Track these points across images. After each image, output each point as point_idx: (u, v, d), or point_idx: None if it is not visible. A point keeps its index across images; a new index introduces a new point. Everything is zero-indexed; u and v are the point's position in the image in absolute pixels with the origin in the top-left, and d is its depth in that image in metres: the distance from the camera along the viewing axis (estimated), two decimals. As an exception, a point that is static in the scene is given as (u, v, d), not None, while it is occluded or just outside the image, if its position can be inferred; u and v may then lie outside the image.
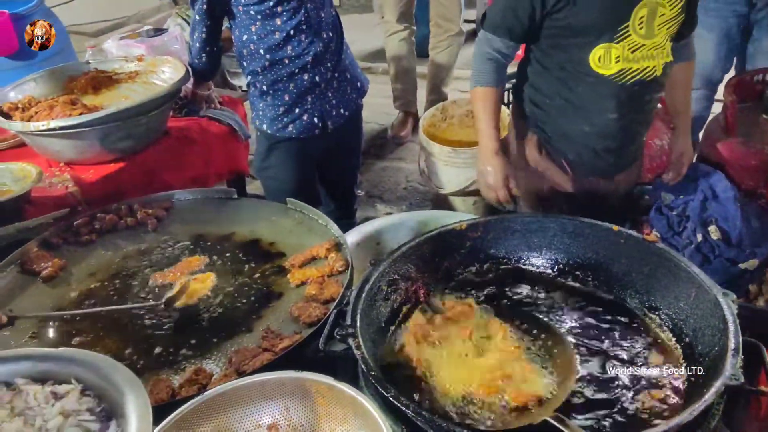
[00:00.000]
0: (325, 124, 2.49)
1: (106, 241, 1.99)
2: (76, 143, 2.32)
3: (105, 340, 1.59)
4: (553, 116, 1.98)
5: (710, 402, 1.08)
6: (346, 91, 2.52)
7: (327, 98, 2.46)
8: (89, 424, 1.13)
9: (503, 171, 1.96)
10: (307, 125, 2.47)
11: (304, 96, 2.42)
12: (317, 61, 2.36)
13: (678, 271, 1.42)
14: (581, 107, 1.91)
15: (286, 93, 2.42)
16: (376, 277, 1.48)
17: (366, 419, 1.03)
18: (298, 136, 2.49)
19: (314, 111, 2.44)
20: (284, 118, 2.46)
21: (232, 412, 1.08)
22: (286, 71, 2.36)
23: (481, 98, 1.96)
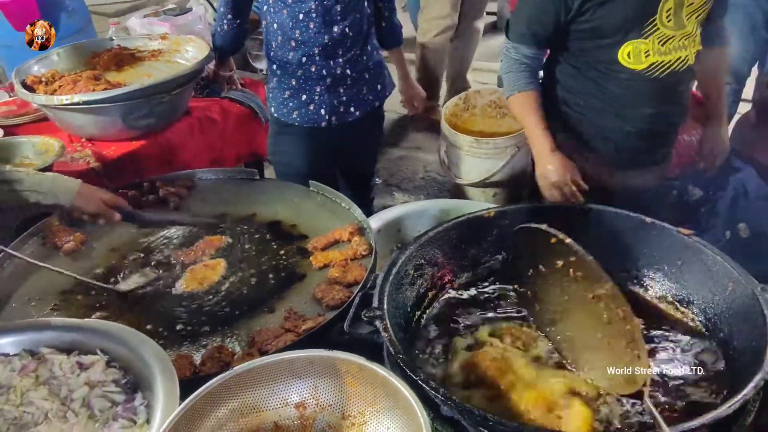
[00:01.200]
0: (332, 119, 2.42)
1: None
2: (99, 119, 2.31)
3: (127, 314, 1.58)
4: (589, 117, 1.93)
5: (749, 397, 1.06)
6: (361, 91, 2.43)
7: (337, 93, 2.38)
8: (114, 395, 1.12)
9: (564, 167, 1.88)
10: (312, 116, 2.40)
11: (311, 85, 2.35)
12: (326, 53, 2.29)
13: (713, 265, 1.39)
14: (616, 105, 1.87)
15: (293, 78, 2.35)
16: (403, 260, 1.45)
17: (396, 400, 1.01)
18: (302, 124, 2.43)
19: (321, 103, 2.37)
20: (289, 103, 2.40)
21: (259, 389, 1.07)
22: (294, 55, 2.30)
23: (522, 103, 1.91)
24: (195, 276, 1.70)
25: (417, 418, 0.94)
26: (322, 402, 1.08)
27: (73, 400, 1.12)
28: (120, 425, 1.07)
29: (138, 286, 1.68)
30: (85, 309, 1.60)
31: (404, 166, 4.03)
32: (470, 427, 1.15)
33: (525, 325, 1.45)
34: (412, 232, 2.28)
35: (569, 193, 1.89)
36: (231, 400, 1.05)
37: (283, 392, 1.08)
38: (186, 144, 2.58)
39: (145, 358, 1.13)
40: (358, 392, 1.06)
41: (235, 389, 1.05)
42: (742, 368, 1.20)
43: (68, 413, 1.09)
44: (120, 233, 1.90)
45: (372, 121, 2.60)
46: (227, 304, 1.61)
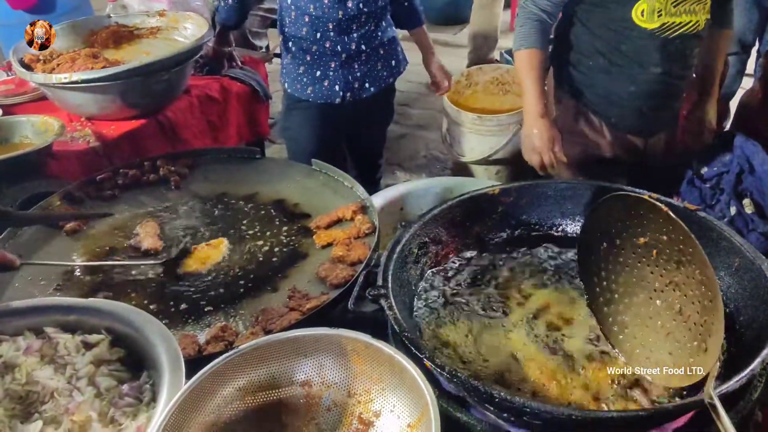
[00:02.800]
0: (346, 95, 2.43)
1: (128, 197, 1.96)
2: (98, 97, 2.29)
3: (130, 295, 1.58)
4: (596, 78, 1.95)
5: (756, 372, 1.05)
6: (375, 67, 2.44)
7: (352, 70, 2.39)
8: (120, 374, 1.12)
9: (549, 134, 1.93)
10: (327, 92, 2.41)
11: (326, 62, 2.36)
12: (340, 29, 2.29)
13: (720, 240, 1.38)
14: (625, 65, 1.89)
15: (308, 53, 2.36)
16: (407, 239, 1.44)
17: (402, 378, 1.01)
18: (316, 100, 2.44)
19: (336, 79, 2.39)
20: (303, 79, 2.41)
21: (265, 368, 1.07)
22: (308, 31, 2.30)
23: (526, 60, 1.93)
24: (197, 255, 1.69)
25: (423, 396, 0.93)
26: (328, 380, 1.08)
27: (79, 378, 1.12)
28: (126, 403, 1.07)
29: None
30: (89, 289, 1.60)
31: (406, 144, 4.01)
32: (476, 404, 1.15)
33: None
34: (415, 211, 2.27)
35: (547, 162, 1.95)
36: (237, 379, 1.05)
37: (289, 371, 1.08)
38: (186, 123, 2.56)
39: (150, 338, 1.13)
40: (364, 370, 1.06)
41: (241, 368, 1.05)
42: (748, 343, 1.20)
43: (74, 392, 1.10)
44: (120, 213, 1.89)
45: (385, 97, 2.60)
46: (230, 283, 1.61)
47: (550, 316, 1.38)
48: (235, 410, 1.04)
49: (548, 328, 1.35)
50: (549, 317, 1.38)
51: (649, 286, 1.26)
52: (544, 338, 1.32)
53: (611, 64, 1.90)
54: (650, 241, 1.24)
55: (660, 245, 1.22)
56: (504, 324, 1.37)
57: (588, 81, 1.97)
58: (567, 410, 1.03)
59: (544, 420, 1.08)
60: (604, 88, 1.95)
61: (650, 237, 1.24)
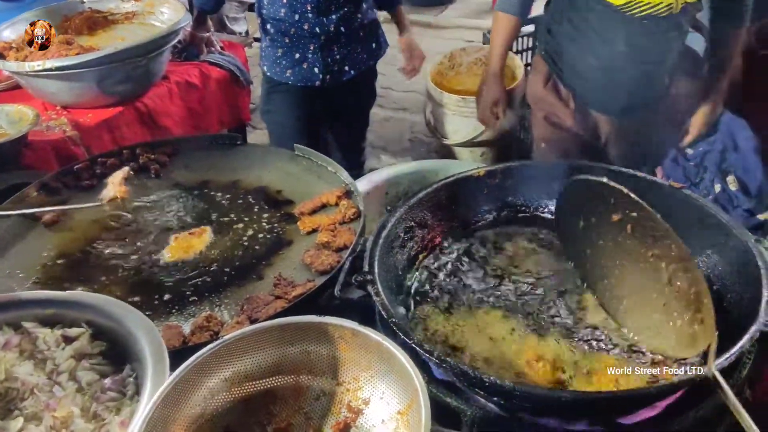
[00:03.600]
0: (326, 78, 2.40)
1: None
2: (73, 85, 2.24)
3: (111, 286, 1.55)
4: (565, 45, 1.95)
5: (745, 349, 1.05)
6: (355, 50, 2.42)
7: (331, 52, 2.36)
8: (102, 367, 1.10)
9: (494, 94, 2.12)
10: (306, 74, 2.38)
11: (305, 44, 2.32)
12: (319, 10, 2.26)
13: (706, 218, 1.37)
14: (590, 37, 1.87)
15: (286, 35, 2.33)
16: (393, 223, 1.43)
17: (391, 365, 0.99)
18: (295, 83, 2.41)
19: (315, 62, 2.36)
20: (282, 62, 2.38)
21: (251, 358, 1.04)
22: (287, 12, 2.26)
23: (502, 24, 2.07)
24: (180, 245, 1.66)
25: (413, 382, 0.92)
26: (316, 369, 1.06)
27: (59, 373, 1.09)
28: (109, 398, 1.05)
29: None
30: (69, 282, 1.56)
31: (390, 127, 3.98)
32: (466, 389, 1.15)
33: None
34: (401, 194, 2.25)
35: (485, 118, 2.18)
36: (222, 370, 1.03)
37: (276, 360, 1.06)
38: (165, 110, 2.52)
39: (132, 330, 1.10)
40: (352, 358, 1.04)
41: (226, 358, 1.02)
42: (736, 321, 1.20)
43: (55, 387, 1.07)
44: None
45: (366, 80, 2.57)
46: (214, 272, 1.58)
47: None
48: (221, 402, 1.02)
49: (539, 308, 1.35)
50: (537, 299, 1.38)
51: (634, 259, 1.26)
52: (535, 319, 1.32)
53: (578, 34, 1.89)
54: (623, 217, 1.25)
55: (632, 221, 1.23)
56: (493, 306, 1.37)
57: (559, 48, 1.97)
58: (557, 392, 1.03)
59: (535, 402, 1.08)
60: (571, 57, 1.95)
61: (621, 214, 1.25)
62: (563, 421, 1.12)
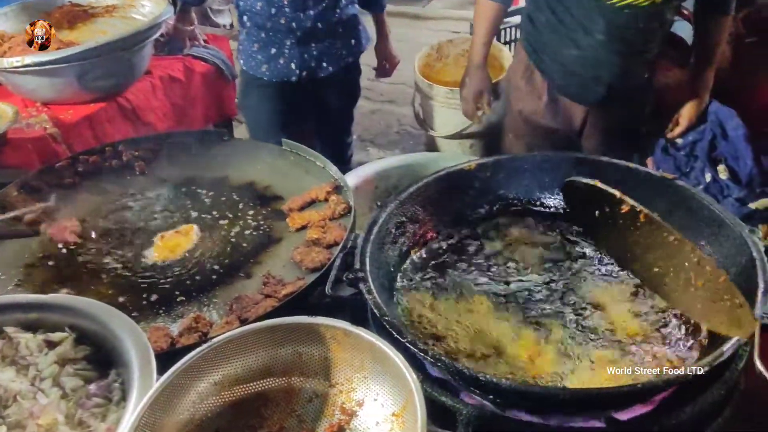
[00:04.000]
0: (302, 74, 2.34)
1: (90, 185, 1.88)
2: (53, 81, 2.19)
3: (96, 288, 1.51)
4: (546, 35, 1.93)
5: (742, 341, 1.04)
6: (334, 45, 2.35)
7: (308, 48, 2.30)
8: (87, 373, 1.07)
9: (478, 85, 2.08)
10: (282, 70, 2.33)
11: (281, 39, 2.27)
12: (295, 5, 2.20)
13: (699, 209, 1.36)
14: (571, 27, 1.85)
15: (263, 30, 2.27)
16: (384, 219, 1.40)
17: (384, 365, 0.97)
18: (271, 79, 2.35)
19: (292, 57, 2.30)
20: (258, 56, 2.33)
21: (241, 360, 1.02)
22: (263, 6, 2.21)
23: (484, 11, 2.03)
24: (166, 244, 1.63)
25: (407, 383, 0.90)
26: (308, 370, 1.04)
27: (42, 379, 1.06)
28: (94, 404, 1.02)
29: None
30: (52, 284, 1.53)
31: (377, 120, 3.94)
32: (461, 388, 1.13)
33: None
34: (391, 189, 2.22)
35: (469, 111, 2.15)
36: (212, 373, 1.00)
37: (266, 362, 1.03)
38: (149, 105, 2.47)
39: (117, 333, 1.07)
40: (345, 358, 1.02)
41: (215, 361, 1.00)
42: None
43: (38, 394, 1.04)
44: (84, 201, 1.81)
45: (347, 76, 2.51)
46: (202, 271, 1.55)
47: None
48: (211, 406, 0.99)
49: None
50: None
51: (660, 242, 1.21)
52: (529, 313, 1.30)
53: (560, 23, 1.86)
54: (630, 209, 1.22)
55: (643, 211, 1.21)
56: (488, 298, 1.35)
57: (540, 37, 1.95)
58: (555, 389, 1.01)
59: (530, 400, 1.06)
60: (552, 47, 1.93)
61: (628, 206, 1.22)
62: (559, 418, 1.10)
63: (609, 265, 1.41)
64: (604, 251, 1.43)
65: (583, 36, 1.85)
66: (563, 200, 1.49)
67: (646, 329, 1.25)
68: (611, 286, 1.36)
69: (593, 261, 1.43)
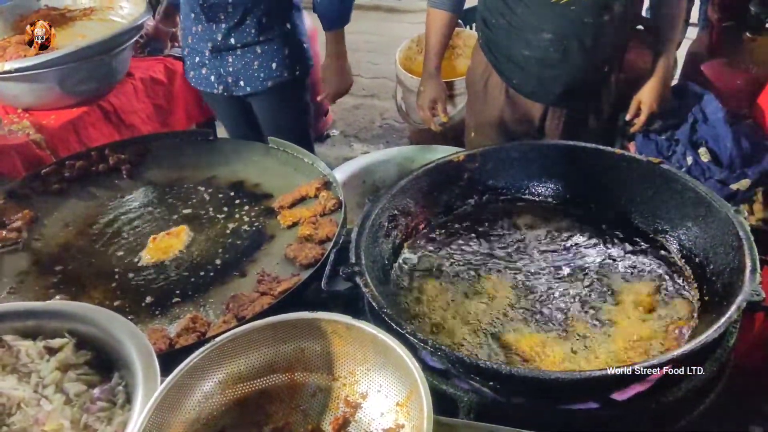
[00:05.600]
0: (220, 88, 2.21)
1: (78, 190, 1.87)
2: (34, 86, 2.16)
3: (90, 292, 1.51)
4: (500, 37, 1.92)
5: (733, 319, 1.07)
6: (251, 66, 2.16)
7: (224, 63, 2.16)
8: (89, 377, 1.07)
9: (432, 93, 2.09)
10: (204, 80, 2.22)
11: (201, 48, 2.16)
12: (207, 15, 2.07)
13: (685, 191, 1.39)
14: (520, 27, 1.85)
15: (189, 35, 2.18)
16: (376, 212, 1.42)
17: (387, 357, 0.98)
18: (197, 87, 2.28)
19: (212, 68, 2.18)
20: (188, 62, 2.26)
21: (244, 358, 1.03)
22: (186, 10, 2.13)
23: (435, 21, 2.03)
24: (158, 245, 1.62)
25: (411, 373, 0.91)
26: (311, 365, 1.05)
27: (45, 386, 1.06)
28: (99, 408, 1.02)
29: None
30: (45, 290, 1.52)
31: (360, 115, 3.94)
32: (461, 376, 1.15)
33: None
34: (378, 183, 2.24)
35: (425, 118, 2.14)
36: (216, 372, 1.01)
37: (269, 359, 1.04)
38: (132, 107, 2.45)
39: (117, 336, 1.07)
40: (347, 352, 1.03)
41: (220, 361, 1.00)
42: (720, 291, 1.22)
43: (42, 400, 1.03)
44: (71, 207, 1.80)
45: (282, 95, 2.27)
46: (196, 271, 1.55)
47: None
48: (216, 404, 1.00)
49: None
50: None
51: None
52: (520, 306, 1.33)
53: (510, 25, 1.86)
54: None
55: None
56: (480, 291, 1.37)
57: (495, 39, 1.94)
58: (554, 374, 1.03)
59: (532, 385, 1.08)
60: (506, 48, 1.92)
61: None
62: (559, 402, 1.13)
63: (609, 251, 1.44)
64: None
65: (533, 35, 1.83)
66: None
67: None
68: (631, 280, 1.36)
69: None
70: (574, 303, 1.31)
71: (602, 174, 1.54)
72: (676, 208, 1.41)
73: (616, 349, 1.19)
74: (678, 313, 1.26)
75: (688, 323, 1.22)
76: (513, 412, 1.13)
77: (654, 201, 1.47)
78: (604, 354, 1.19)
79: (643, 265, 1.39)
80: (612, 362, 1.16)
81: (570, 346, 1.21)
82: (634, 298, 1.30)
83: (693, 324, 1.22)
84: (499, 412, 1.12)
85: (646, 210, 1.48)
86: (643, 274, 1.37)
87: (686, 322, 1.23)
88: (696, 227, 1.36)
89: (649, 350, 1.18)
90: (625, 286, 1.34)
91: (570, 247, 1.46)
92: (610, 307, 1.30)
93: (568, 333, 1.24)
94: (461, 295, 1.36)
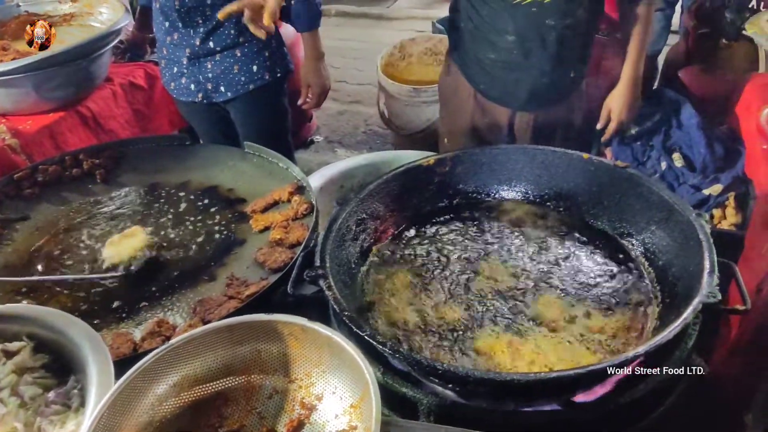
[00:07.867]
0: (199, 96, 2.18)
1: (50, 195, 1.86)
2: (10, 91, 2.16)
3: (57, 297, 1.50)
4: (467, 41, 1.93)
5: (689, 320, 1.07)
6: (231, 70, 2.14)
7: (203, 69, 2.13)
8: (45, 380, 1.06)
9: None
10: (184, 90, 2.18)
11: (179, 57, 2.13)
12: (183, 21, 2.05)
13: (650, 195, 1.40)
14: (485, 30, 1.85)
15: (165, 46, 2.16)
16: (344, 216, 1.42)
17: (342, 359, 0.98)
18: (178, 98, 2.23)
19: (191, 76, 2.16)
20: (166, 73, 2.22)
21: (200, 360, 1.02)
22: (159, 18, 2.10)
23: None
24: (117, 248, 1.58)
25: (363, 375, 0.91)
26: (267, 367, 1.05)
27: (0, 389, 1.05)
28: (53, 411, 1.01)
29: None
30: (14, 295, 1.51)
31: (344, 121, 3.95)
32: (421, 377, 1.15)
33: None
34: (356, 187, 2.24)
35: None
36: (170, 375, 1.00)
37: (225, 361, 1.04)
38: (110, 113, 2.45)
39: (76, 340, 1.07)
40: (303, 354, 1.03)
41: (174, 363, 1.00)
42: (680, 294, 1.23)
43: (-4, 404, 1.03)
44: (43, 212, 1.79)
45: (262, 100, 2.25)
46: (165, 276, 1.54)
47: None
48: (170, 407, 1.00)
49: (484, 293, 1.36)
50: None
51: None
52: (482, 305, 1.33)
53: (476, 28, 1.87)
54: None
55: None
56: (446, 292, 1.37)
57: (463, 44, 1.95)
58: (510, 375, 1.03)
59: (490, 387, 1.08)
60: (472, 51, 1.92)
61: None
62: (520, 403, 1.13)
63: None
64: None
65: (497, 37, 1.84)
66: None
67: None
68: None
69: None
70: (537, 304, 1.31)
71: (570, 178, 1.55)
72: (641, 211, 1.42)
73: (574, 350, 1.20)
74: (638, 315, 1.27)
75: (648, 325, 1.22)
76: (473, 414, 1.13)
77: (620, 204, 1.48)
78: (569, 355, 1.19)
79: (607, 268, 1.39)
80: (571, 364, 1.16)
81: (532, 347, 1.21)
82: (595, 301, 1.31)
83: (653, 326, 1.22)
84: (460, 415, 1.12)
85: (612, 213, 1.49)
86: (607, 276, 1.37)
87: (647, 323, 1.23)
88: (660, 230, 1.37)
89: (610, 352, 1.19)
90: (589, 288, 1.34)
91: (538, 250, 1.47)
92: (574, 309, 1.30)
93: (530, 334, 1.24)
94: (427, 297, 1.36)
